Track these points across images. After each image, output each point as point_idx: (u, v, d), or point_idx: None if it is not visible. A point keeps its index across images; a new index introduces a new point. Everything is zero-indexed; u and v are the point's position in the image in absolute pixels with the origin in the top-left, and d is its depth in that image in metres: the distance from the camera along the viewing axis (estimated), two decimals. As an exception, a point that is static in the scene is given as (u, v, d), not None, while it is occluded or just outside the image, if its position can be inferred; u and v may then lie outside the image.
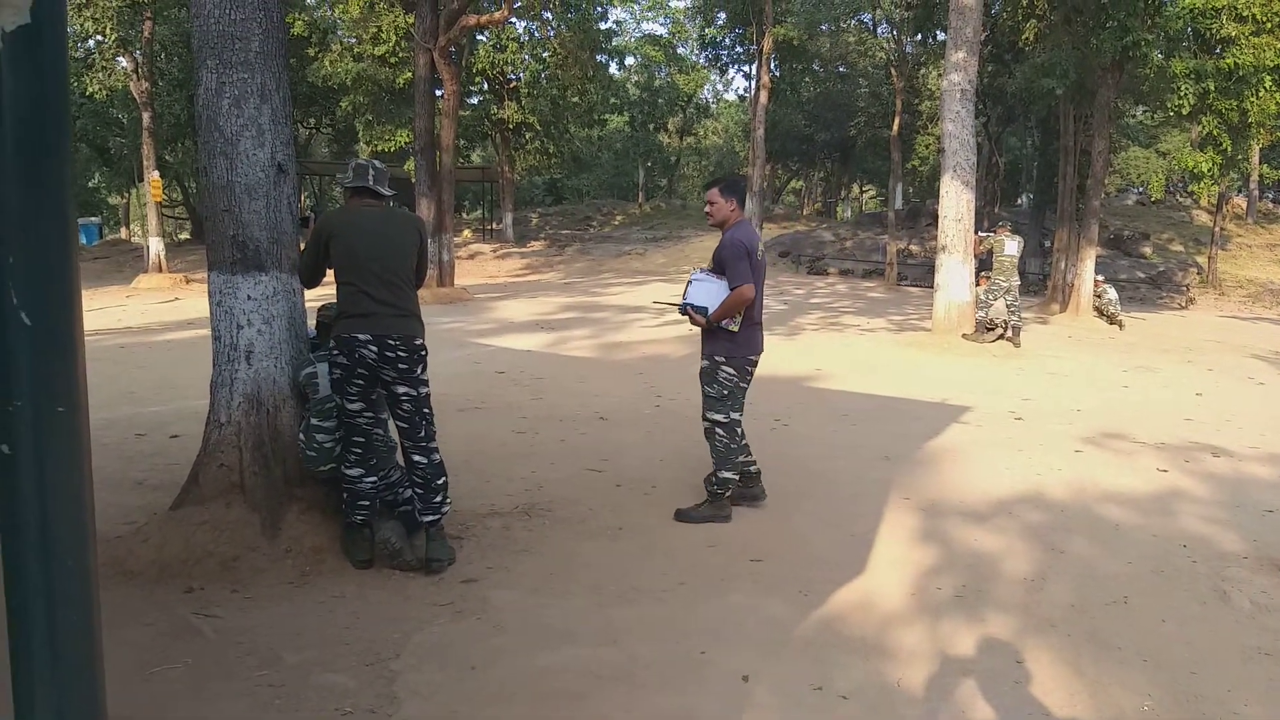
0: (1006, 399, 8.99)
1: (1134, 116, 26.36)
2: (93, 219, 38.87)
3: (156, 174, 23.12)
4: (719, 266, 4.97)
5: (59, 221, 0.94)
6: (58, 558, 0.96)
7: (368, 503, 4.23)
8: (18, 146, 0.90)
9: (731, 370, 5.00)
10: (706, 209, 5.11)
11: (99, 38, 23.23)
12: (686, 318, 5.03)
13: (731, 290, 4.86)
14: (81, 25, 22.69)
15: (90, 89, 24.29)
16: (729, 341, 4.96)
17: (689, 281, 5.05)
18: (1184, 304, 23.73)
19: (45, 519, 0.96)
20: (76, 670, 0.99)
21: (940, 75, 15.29)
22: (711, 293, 4.94)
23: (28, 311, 0.91)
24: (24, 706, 0.97)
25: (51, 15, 0.89)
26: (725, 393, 5.03)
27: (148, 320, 14.84)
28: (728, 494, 5.09)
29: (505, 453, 6.36)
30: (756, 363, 5.11)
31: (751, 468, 5.27)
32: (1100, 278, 18.08)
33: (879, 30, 32.39)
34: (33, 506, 0.96)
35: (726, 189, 5.02)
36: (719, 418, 5.04)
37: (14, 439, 0.94)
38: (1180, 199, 33.54)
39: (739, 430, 5.09)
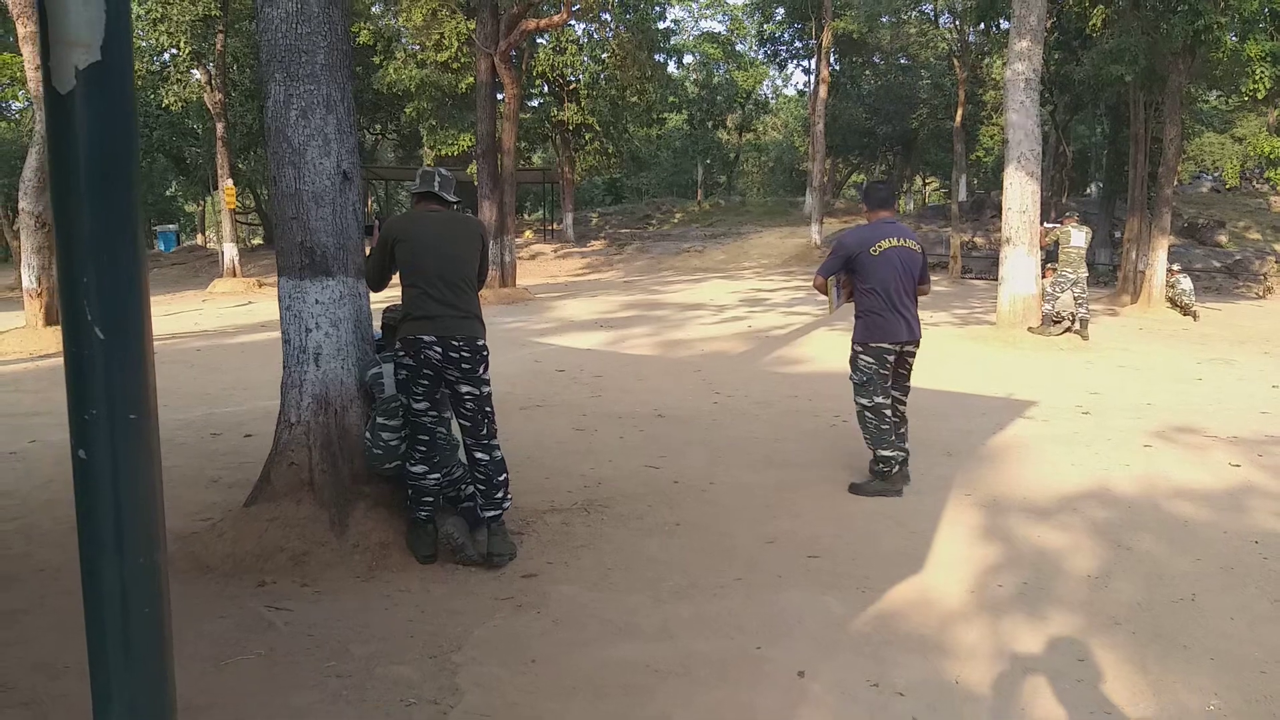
0: (1074, 393, 8.81)
1: (1207, 101, 25.54)
2: (170, 226, 40.09)
3: (230, 182, 23.82)
4: None
5: (129, 242, 1.02)
6: (130, 556, 1.04)
7: (431, 499, 4.34)
8: (90, 174, 0.98)
9: (870, 358, 5.38)
10: None
11: (173, 51, 24.01)
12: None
13: None
14: (156, 39, 23.48)
15: (166, 101, 25.12)
16: (863, 329, 5.40)
17: None
18: (1261, 293, 22.90)
19: (119, 519, 1.04)
20: (148, 662, 1.07)
21: (1004, 64, 14.99)
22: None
23: (101, 326, 0.99)
24: (100, 695, 1.05)
25: (119, 53, 0.97)
26: (865, 379, 5.40)
27: (223, 324, 15.31)
28: (894, 470, 5.38)
29: (565, 450, 6.44)
30: (896, 350, 5.41)
31: (901, 454, 5.51)
32: (1174, 267, 17.56)
33: (941, 20, 31.86)
34: (107, 507, 1.04)
35: (862, 195, 5.80)
36: (864, 402, 5.42)
37: (90, 444, 1.02)
38: (1257, 185, 32.36)
39: (886, 414, 5.39)
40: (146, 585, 1.06)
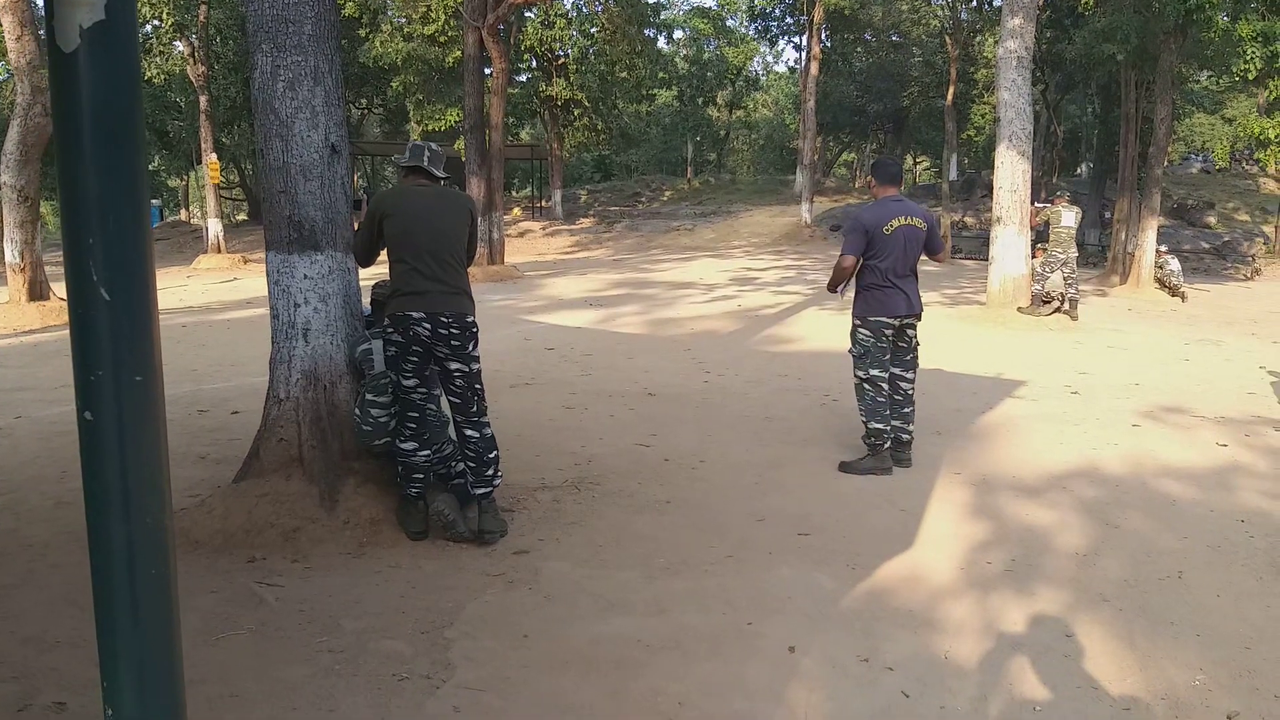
0: (1063, 373, 8.85)
1: (1198, 82, 25.55)
2: (153, 201, 39.81)
3: (214, 156, 23.59)
4: None
5: (134, 205, 1.01)
6: (138, 517, 1.03)
7: (421, 476, 4.33)
8: (95, 136, 0.97)
9: (867, 332, 5.48)
10: None
11: (156, 22, 23.70)
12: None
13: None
14: (139, 10, 23.15)
15: (148, 73, 24.79)
16: (862, 303, 5.49)
17: None
18: (1250, 275, 23.01)
19: (125, 480, 1.03)
20: (156, 623, 1.07)
21: (996, 42, 14.96)
22: None
23: (107, 288, 0.98)
24: (108, 657, 1.05)
25: (123, 11, 0.95)
26: (863, 352, 5.51)
27: (208, 300, 15.18)
28: (885, 446, 5.45)
29: (555, 427, 6.44)
30: (894, 325, 5.47)
31: (904, 435, 5.60)
32: (1163, 248, 17.62)
33: (933, -2, 31.74)
34: (114, 468, 1.03)
35: (871, 170, 5.81)
36: (860, 375, 5.54)
37: (96, 406, 1.01)
38: (1246, 167, 32.47)
39: (883, 387, 5.48)
40: (154, 546, 1.06)
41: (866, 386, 5.49)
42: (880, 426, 5.43)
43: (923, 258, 5.62)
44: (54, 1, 0.93)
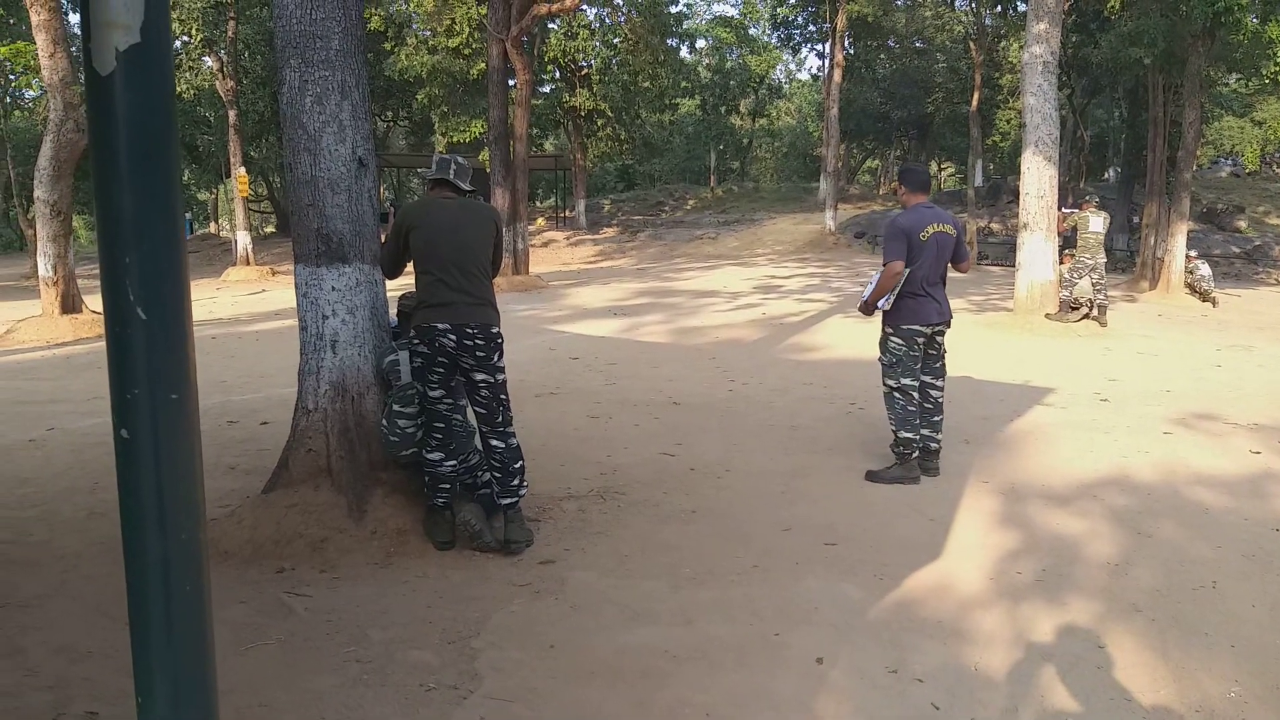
0: (1092, 380, 8.76)
1: (1227, 85, 25.26)
2: (184, 215, 40.32)
3: (243, 170, 23.89)
4: None
5: (169, 224, 1.03)
6: (172, 532, 1.05)
7: (448, 486, 4.35)
8: (131, 156, 0.99)
9: (899, 340, 5.44)
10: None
11: (185, 38, 24.05)
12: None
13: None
14: (169, 27, 23.48)
15: (179, 89, 25.13)
16: (894, 312, 5.43)
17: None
18: (1282, 279, 22.71)
19: (161, 496, 1.05)
20: (191, 639, 1.09)
21: (1021, 47, 14.87)
22: (875, 280, 5.56)
23: (143, 307, 1.00)
24: (143, 673, 1.06)
25: (159, 34, 0.97)
26: (894, 360, 5.48)
27: (237, 311, 15.38)
28: (913, 455, 5.43)
29: (580, 437, 6.45)
30: (926, 333, 5.46)
31: (933, 444, 5.58)
32: (1193, 253, 17.42)
33: (957, 3, 31.62)
34: (150, 485, 1.05)
35: (900, 177, 5.76)
36: (891, 383, 5.51)
37: (132, 424, 1.03)
38: (1277, 170, 32.05)
39: (913, 395, 5.47)
40: (188, 562, 1.08)
41: (897, 395, 5.47)
42: (910, 435, 5.40)
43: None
44: (91, 25, 0.95)
